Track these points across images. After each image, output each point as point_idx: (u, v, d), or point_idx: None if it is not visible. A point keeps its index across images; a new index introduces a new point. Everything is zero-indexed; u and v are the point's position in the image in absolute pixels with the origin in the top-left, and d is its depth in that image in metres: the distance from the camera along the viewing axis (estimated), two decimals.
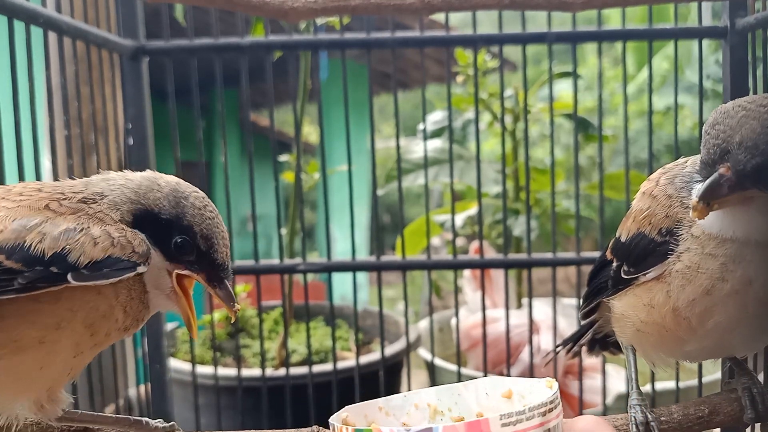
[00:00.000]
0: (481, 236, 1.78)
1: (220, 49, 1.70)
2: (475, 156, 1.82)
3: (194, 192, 0.87)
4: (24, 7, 1.20)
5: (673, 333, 0.96)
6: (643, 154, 4.19)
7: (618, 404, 1.90)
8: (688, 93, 3.05)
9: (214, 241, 0.86)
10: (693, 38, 1.64)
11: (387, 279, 5.81)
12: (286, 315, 2.01)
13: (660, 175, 1.00)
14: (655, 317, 0.97)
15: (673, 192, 0.95)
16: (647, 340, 1.02)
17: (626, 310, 1.02)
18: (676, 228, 0.93)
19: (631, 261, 0.99)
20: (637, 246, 0.98)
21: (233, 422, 1.92)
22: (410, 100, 10.38)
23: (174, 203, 0.84)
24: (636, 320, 1.00)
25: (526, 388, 0.82)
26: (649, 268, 0.96)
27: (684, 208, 0.92)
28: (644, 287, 0.98)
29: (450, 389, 0.86)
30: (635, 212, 1.00)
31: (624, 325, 1.04)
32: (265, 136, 6.82)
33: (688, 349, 1.00)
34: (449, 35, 1.72)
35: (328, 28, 2.02)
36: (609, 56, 6.87)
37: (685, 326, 0.94)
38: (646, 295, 0.98)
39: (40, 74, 1.31)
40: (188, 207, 0.85)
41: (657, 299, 0.96)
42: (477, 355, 2.35)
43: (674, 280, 0.93)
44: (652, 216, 0.96)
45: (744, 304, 0.89)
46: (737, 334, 0.94)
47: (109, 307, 0.79)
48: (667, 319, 0.95)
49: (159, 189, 0.85)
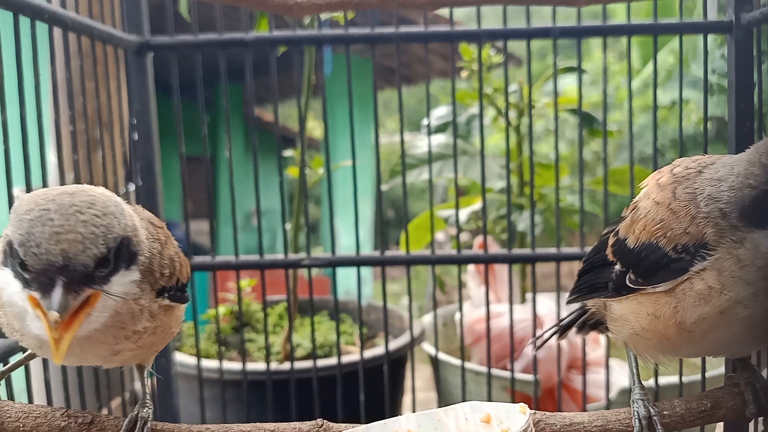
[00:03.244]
0: (485, 231, 1.78)
1: (225, 44, 1.70)
2: (480, 151, 1.82)
3: (29, 199, 0.81)
4: (29, 3, 1.21)
5: (673, 341, 0.97)
6: (648, 149, 4.18)
7: (622, 398, 1.90)
8: (694, 88, 3.04)
9: (29, 242, 0.76)
10: (698, 33, 1.63)
11: (391, 274, 5.81)
12: (290, 309, 2.02)
13: (675, 183, 0.97)
14: (657, 327, 0.97)
15: (696, 210, 0.92)
16: (643, 343, 1.02)
17: (627, 314, 1.02)
18: (695, 246, 0.91)
19: (639, 271, 0.98)
20: (647, 257, 0.97)
21: (238, 416, 1.93)
22: (414, 95, 10.39)
23: (12, 223, 0.80)
24: (636, 325, 1.00)
25: (503, 413, 0.84)
26: (659, 282, 0.95)
27: (717, 229, 0.90)
28: (650, 297, 0.97)
29: (430, 415, 0.88)
30: (647, 221, 0.98)
31: (621, 326, 1.04)
32: (269, 131, 6.85)
33: (683, 353, 1.02)
34: (454, 30, 1.71)
35: (333, 23, 2.02)
36: (614, 51, 6.85)
37: (687, 338, 0.94)
38: (651, 305, 0.97)
39: (46, 70, 1.31)
40: (13, 220, 0.79)
41: (663, 312, 0.95)
42: (481, 350, 2.35)
43: (687, 297, 0.92)
44: (668, 230, 0.94)
45: (753, 324, 0.90)
46: (736, 344, 0.95)
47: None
48: (671, 331, 0.95)
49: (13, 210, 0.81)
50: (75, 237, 0.77)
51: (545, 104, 2.64)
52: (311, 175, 2.33)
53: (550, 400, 2.21)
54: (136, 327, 0.90)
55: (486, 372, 1.82)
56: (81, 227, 0.79)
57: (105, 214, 0.82)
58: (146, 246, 0.91)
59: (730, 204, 0.90)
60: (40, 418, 0.95)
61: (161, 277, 0.94)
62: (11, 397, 1.14)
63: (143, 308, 0.90)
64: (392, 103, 10.02)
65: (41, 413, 0.96)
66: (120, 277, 0.84)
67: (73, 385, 1.38)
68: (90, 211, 0.81)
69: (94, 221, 0.80)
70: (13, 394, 1.14)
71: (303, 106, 1.96)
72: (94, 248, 0.78)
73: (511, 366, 1.82)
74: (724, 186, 0.91)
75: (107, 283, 0.82)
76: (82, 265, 0.77)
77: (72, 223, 0.78)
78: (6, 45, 1.16)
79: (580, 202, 1.76)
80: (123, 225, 0.84)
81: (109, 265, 0.81)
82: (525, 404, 0.83)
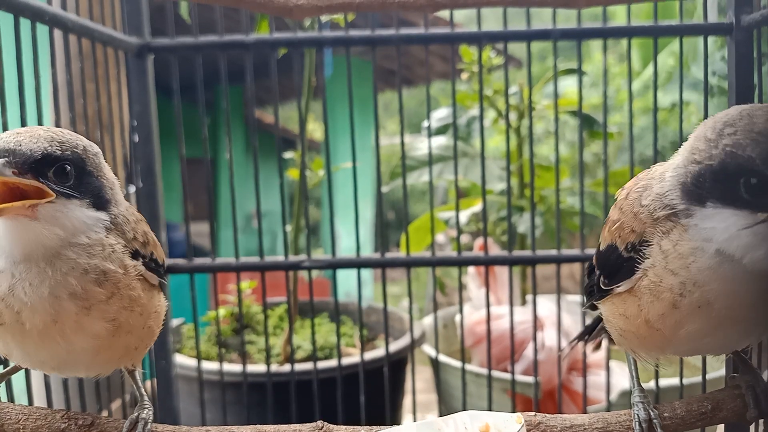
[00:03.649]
0: (486, 233, 1.78)
1: (225, 46, 1.70)
2: (480, 153, 1.82)
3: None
4: (30, 5, 1.21)
5: (650, 340, 0.97)
6: (648, 150, 4.18)
7: (622, 401, 1.90)
8: (694, 89, 3.04)
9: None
10: (698, 35, 1.63)
11: (391, 276, 5.82)
12: (291, 311, 2.02)
13: (632, 185, 0.98)
14: (630, 327, 0.98)
15: (639, 207, 0.93)
16: (630, 343, 1.03)
17: (608, 316, 1.04)
18: (641, 244, 0.92)
19: (605, 272, 1.00)
20: (608, 258, 0.98)
21: (239, 417, 1.92)
22: (415, 97, 10.40)
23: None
24: (617, 325, 1.02)
25: (501, 422, 0.85)
26: (620, 282, 0.96)
27: (653, 221, 0.90)
28: (619, 298, 0.98)
29: (430, 425, 0.88)
30: (609, 224, 1.00)
31: (610, 328, 1.06)
32: (269, 133, 6.85)
33: (668, 352, 1.01)
34: (454, 32, 1.72)
35: (333, 25, 2.02)
36: (614, 53, 6.86)
37: (658, 336, 0.95)
38: (621, 305, 0.98)
39: (46, 72, 1.31)
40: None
41: (630, 311, 0.96)
42: (481, 352, 2.35)
43: (643, 295, 0.92)
44: (621, 229, 0.96)
45: (709, 317, 0.89)
46: (711, 340, 0.94)
47: None
48: (641, 329, 0.96)
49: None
50: (32, 134, 0.85)
51: (545, 106, 2.64)
52: (311, 176, 2.33)
53: (550, 402, 2.21)
54: (106, 289, 0.88)
55: (486, 374, 1.81)
56: (41, 131, 0.86)
57: (72, 135, 0.89)
58: (123, 207, 0.95)
59: (673, 188, 0.89)
60: (40, 420, 0.95)
61: (134, 240, 0.94)
62: (11, 398, 1.14)
63: (115, 265, 0.90)
64: (392, 105, 10.02)
65: (41, 415, 0.96)
66: (81, 204, 0.88)
67: (73, 387, 1.38)
68: (54, 129, 0.89)
69: (57, 133, 0.87)
70: (13, 396, 1.14)
71: (303, 108, 1.96)
72: (45, 143, 0.84)
73: (511, 368, 1.82)
74: (668, 174, 0.91)
75: (63, 196, 0.85)
76: (28, 150, 0.82)
77: (30, 129, 0.87)
78: (7, 47, 1.16)
79: (581, 204, 1.76)
80: (88, 153, 0.90)
81: (67, 180, 0.86)
82: (520, 414, 0.83)
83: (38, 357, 0.93)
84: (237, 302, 2.01)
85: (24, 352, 0.91)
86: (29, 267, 0.85)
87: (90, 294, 0.87)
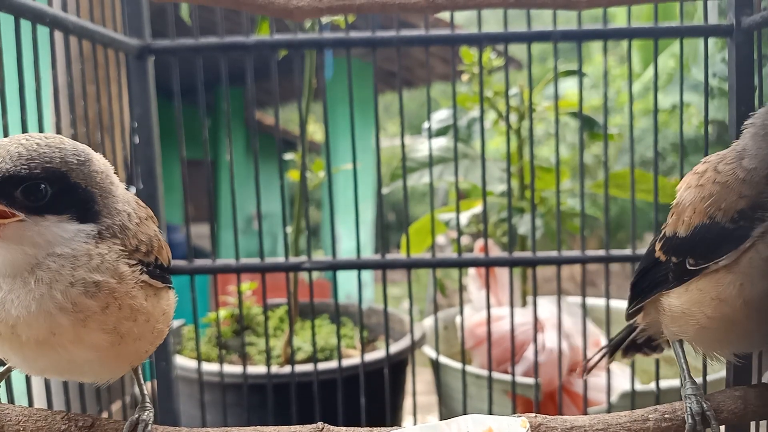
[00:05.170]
0: (486, 234, 1.78)
1: (226, 48, 1.70)
2: (480, 154, 1.82)
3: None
4: (30, 7, 1.21)
5: (742, 327, 0.92)
6: (648, 152, 4.18)
7: (622, 402, 1.89)
8: (694, 91, 3.04)
9: None
10: (699, 36, 1.63)
11: (392, 277, 5.79)
12: (291, 313, 2.02)
13: (713, 164, 0.94)
14: (724, 311, 0.92)
15: (743, 173, 0.88)
16: (712, 336, 0.98)
17: (689, 307, 0.98)
18: (752, 208, 0.86)
19: (698, 253, 0.94)
20: (704, 237, 0.93)
21: (239, 419, 1.92)
22: (415, 98, 10.41)
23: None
24: (701, 316, 0.97)
25: (505, 426, 0.84)
26: (722, 256, 0.90)
27: (765, 183, 0.85)
28: (712, 280, 0.93)
29: (433, 428, 0.88)
30: (696, 204, 0.95)
31: (686, 323, 1.00)
32: (270, 134, 6.85)
33: (753, 340, 0.96)
34: (454, 34, 1.72)
35: (333, 26, 2.02)
36: (615, 54, 6.86)
37: (755, 319, 0.90)
38: (713, 288, 0.93)
39: (47, 73, 1.31)
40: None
41: (728, 293, 0.91)
42: (482, 353, 2.35)
43: (752, 269, 0.87)
44: (722, 201, 0.90)
45: None
46: None
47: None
48: (738, 314, 0.91)
49: None
50: (1, 152, 0.79)
51: (546, 108, 2.64)
52: (312, 178, 2.33)
53: (551, 403, 2.21)
54: (99, 300, 0.85)
55: (487, 375, 1.81)
56: (12, 146, 0.80)
57: (48, 146, 0.82)
58: (124, 214, 0.90)
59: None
60: (40, 422, 0.95)
61: (137, 251, 0.91)
62: (11, 400, 1.14)
63: (105, 275, 0.86)
64: (393, 107, 10.02)
65: (41, 416, 0.96)
66: (59, 219, 0.83)
67: (74, 389, 1.38)
68: (35, 140, 0.82)
69: (32, 147, 0.80)
70: (13, 397, 1.14)
71: (304, 110, 1.96)
72: (9, 164, 0.78)
73: (512, 369, 1.82)
74: (750, 151, 0.87)
75: (35, 213, 0.81)
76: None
77: (8, 143, 0.80)
78: (7, 48, 1.16)
79: (581, 206, 1.76)
80: (69, 165, 0.83)
81: (41, 196, 0.81)
82: (525, 418, 0.83)
83: (38, 365, 0.92)
84: (237, 304, 2.01)
85: (23, 361, 0.91)
86: (14, 280, 0.83)
87: (81, 307, 0.84)
